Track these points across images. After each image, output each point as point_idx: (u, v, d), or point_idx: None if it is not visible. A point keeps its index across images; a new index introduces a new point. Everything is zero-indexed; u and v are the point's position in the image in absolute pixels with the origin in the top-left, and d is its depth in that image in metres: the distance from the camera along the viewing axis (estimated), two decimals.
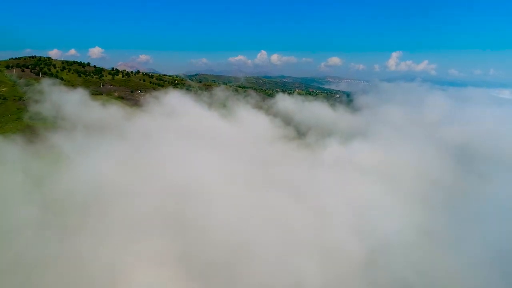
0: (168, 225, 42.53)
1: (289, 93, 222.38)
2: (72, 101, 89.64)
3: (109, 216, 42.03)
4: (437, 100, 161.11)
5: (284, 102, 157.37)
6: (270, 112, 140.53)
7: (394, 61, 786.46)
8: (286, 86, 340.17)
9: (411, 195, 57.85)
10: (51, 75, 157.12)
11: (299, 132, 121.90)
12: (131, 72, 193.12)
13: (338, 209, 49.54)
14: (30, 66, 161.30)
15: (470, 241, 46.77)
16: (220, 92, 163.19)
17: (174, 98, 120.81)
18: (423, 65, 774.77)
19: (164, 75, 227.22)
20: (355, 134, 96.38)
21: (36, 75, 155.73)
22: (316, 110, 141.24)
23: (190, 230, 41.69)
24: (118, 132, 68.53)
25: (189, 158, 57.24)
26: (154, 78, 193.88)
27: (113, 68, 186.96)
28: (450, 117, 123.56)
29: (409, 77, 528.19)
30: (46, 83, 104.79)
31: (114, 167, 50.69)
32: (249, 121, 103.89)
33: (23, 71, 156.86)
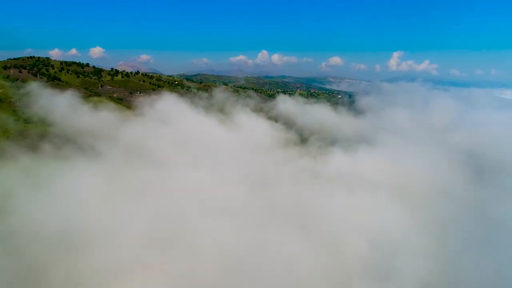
0: (152, 274, 34.73)
1: (290, 94, 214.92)
2: (60, 106, 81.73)
3: (81, 263, 34.17)
4: (443, 103, 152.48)
5: (285, 104, 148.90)
6: (271, 115, 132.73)
7: (395, 61, 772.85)
8: (287, 86, 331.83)
9: (428, 214, 50.23)
10: (49, 76, 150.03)
11: (302, 137, 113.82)
12: (131, 72, 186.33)
13: (349, 240, 41.82)
14: (27, 67, 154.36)
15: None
16: (219, 93, 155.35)
17: (170, 103, 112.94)
18: (424, 65, 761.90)
19: (165, 75, 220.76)
20: (360, 140, 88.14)
21: (33, 76, 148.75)
22: (319, 114, 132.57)
23: (179, 282, 33.89)
24: (104, 145, 60.61)
25: (179, 182, 49.17)
26: (154, 79, 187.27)
27: (112, 69, 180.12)
28: (459, 121, 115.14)
29: (410, 77, 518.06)
30: (34, 85, 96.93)
31: (92, 196, 42.16)
32: (248, 127, 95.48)
33: (20, 71, 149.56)
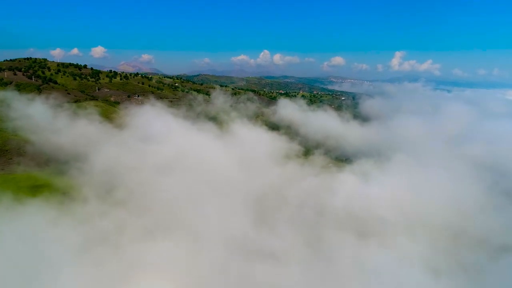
0: None
1: (292, 96, 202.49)
2: (37, 116, 69.14)
3: None
4: (453, 109, 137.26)
5: (287, 109, 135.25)
6: (272, 122, 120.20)
7: (397, 61, 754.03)
8: (289, 86, 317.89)
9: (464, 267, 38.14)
10: (44, 78, 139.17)
11: (306, 147, 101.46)
12: (130, 74, 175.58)
13: None
14: (23, 69, 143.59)
15: None
16: (218, 97, 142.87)
17: (164, 113, 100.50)
18: (426, 65, 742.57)
19: (165, 76, 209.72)
20: (371, 156, 76.08)
21: (28, 78, 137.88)
22: (323, 121, 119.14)
23: None
24: (73, 169, 49.04)
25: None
26: (154, 81, 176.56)
27: (111, 70, 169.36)
28: (473, 130, 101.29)
29: (412, 77, 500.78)
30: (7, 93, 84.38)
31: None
32: (246, 140, 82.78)
33: (15, 74, 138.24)
